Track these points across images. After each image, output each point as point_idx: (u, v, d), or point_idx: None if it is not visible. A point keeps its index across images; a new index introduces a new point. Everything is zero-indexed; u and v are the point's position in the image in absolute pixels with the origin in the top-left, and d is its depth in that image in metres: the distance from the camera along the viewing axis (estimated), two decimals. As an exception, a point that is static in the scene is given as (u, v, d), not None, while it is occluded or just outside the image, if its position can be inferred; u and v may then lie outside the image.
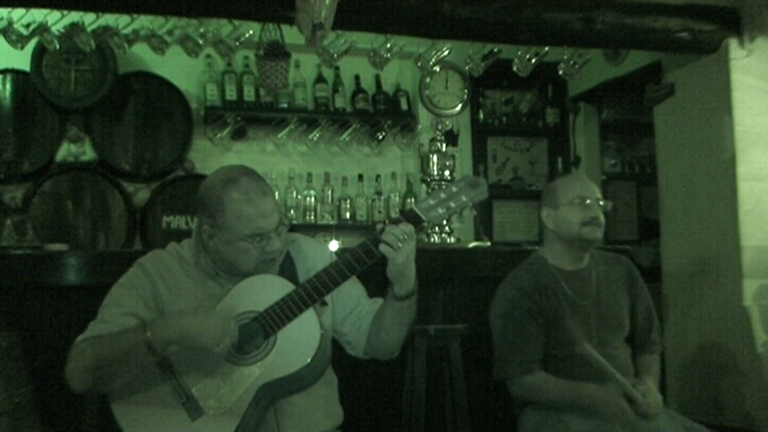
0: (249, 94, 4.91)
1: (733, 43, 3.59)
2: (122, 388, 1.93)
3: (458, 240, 3.87)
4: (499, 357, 2.54)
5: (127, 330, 1.89)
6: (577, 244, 2.57)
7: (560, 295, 2.53)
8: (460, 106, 4.65)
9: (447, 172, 3.64)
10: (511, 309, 2.52)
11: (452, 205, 1.91)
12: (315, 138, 5.08)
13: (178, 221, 4.75)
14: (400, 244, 1.86)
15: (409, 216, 1.91)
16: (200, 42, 3.70)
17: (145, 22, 3.64)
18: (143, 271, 2.03)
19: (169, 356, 1.92)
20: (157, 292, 2.01)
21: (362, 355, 2.16)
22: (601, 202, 2.57)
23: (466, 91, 4.69)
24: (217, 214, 1.95)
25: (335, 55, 3.70)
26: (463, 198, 1.91)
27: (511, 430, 2.67)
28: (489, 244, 3.80)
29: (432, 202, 1.92)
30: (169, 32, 3.68)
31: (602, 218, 2.56)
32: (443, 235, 3.60)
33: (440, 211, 1.91)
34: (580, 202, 2.54)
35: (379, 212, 5.09)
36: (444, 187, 1.97)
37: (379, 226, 1.91)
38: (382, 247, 1.87)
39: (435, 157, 3.64)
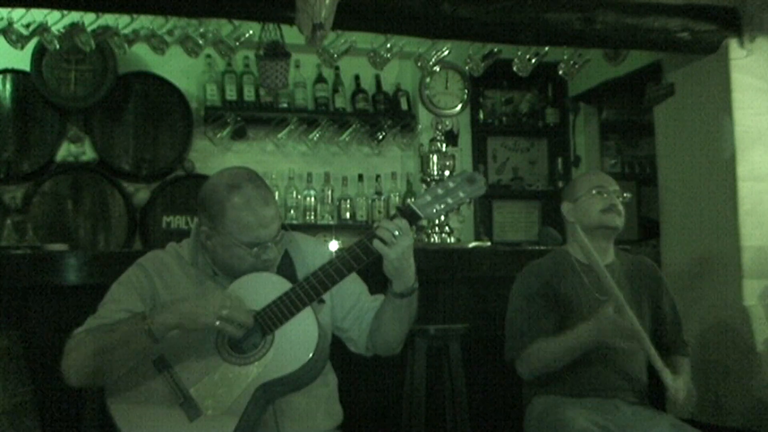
0: (249, 94, 4.91)
1: (733, 43, 3.58)
2: (120, 387, 1.92)
3: (458, 240, 3.87)
4: (509, 337, 2.55)
5: (126, 318, 1.90)
6: (599, 233, 2.59)
7: (579, 287, 2.55)
8: (460, 106, 4.64)
9: (447, 172, 3.64)
10: (529, 296, 2.55)
11: (449, 201, 1.89)
12: (315, 138, 5.08)
13: (178, 221, 4.75)
14: (393, 240, 1.85)
15: (406, 212, 1.89)
16: (200, 42, 3.70)
17: (145, 22, 3.64)
18: (142, 271, 2.04)
19: (166, 356, 1.92)
20: (155, 291, 2.01)
21: (364, 352, 2.16)
22: (619, 194, 2.62)
23: (466, 91, 4.68)
24: (217, 217, 1.95)
25: (335, 55, 3.71)
26: (461, 194, 1.90)
27: (511, 429, 2.67)
28: (489, 244, 3.80)
29: (429, 198, 1.90)
30: (169, 32, 3.68)
31: (621, 207, 2.60)
32: (443, 235, 3.61)
33: (437, 207, 1.90)
34: (598, 191, 2.59)
35: (379, 212, 5.09)
36: (441, 182, 1.96)
37: (376, 224, 1.90)
38: (376, 243, 1.86)
39: (435, 157, 3.65)
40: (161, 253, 2.11)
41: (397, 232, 1.85)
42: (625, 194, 2.64)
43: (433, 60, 3.88)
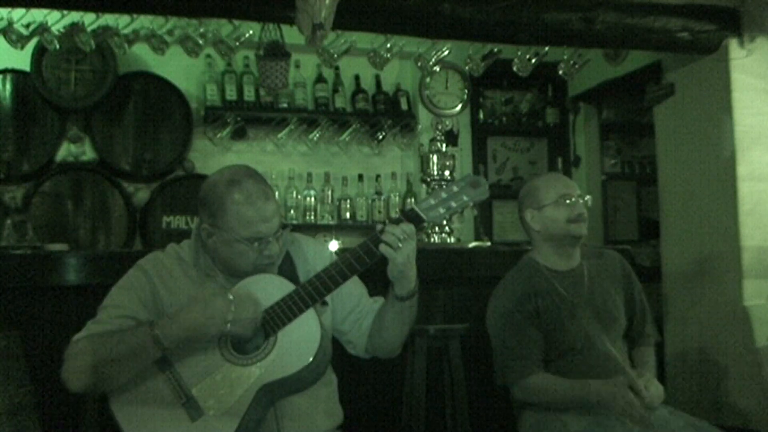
0: (249, 94, 4.91)
1: (733, 43, 3.58)
2: (122, 388, 1.92)
3: (458, 240, 3.87)
4: (500, 363, 2.53)
5: (132, 328, 1.90)
6: (566, 242, 2.57)
7: (555, 297, 2.53)
8: (460, 106, 4.64)
9: (447, 172, 3.64)
10: (508, 315, 2.51)
11: (453, 204, 1.90)
12: (315, 138, 5.08)
13: (178, 221, 4.75)
14: (400, 244, 1.86)
15: (410, 215, 1.90)
16: (200, 42, 3.70)
17: (145, 22, 3.64)
18: (143, 273, 2.03)
19: (168, 356, 1.92)
20: (156, 293, 2.01)
21: (363, 354, 2.16)
22: (583, 199, 2.58)
23: (466, 91, 4.68)
24: (218, 214, 1.95)
25: (335, 55, 3.71)
26: (464, 197, 1.90)
27: (511, 430, 2.67)
28: (489, 244, 3.80)
29: (433, 201, 1.91)
30: (169, 32, 3.68)
31: (586, 213, 2.58)
32: (443, 235, 3.61)
33: (441, 210, 1.90)
34: (565, 200, 2.55)
35: (379, 212, 5.09)
36: (445, 186, 1.96)
37: (379, 226, 1.91)
38: (382, 247, 1.87)
39: (435, 157, 3.64)
40: (161, 254, 2.10)
41: (403, 237, 1.86)
42: (587, 198, 2.60)
43: (433, 60, 3.88)
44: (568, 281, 2.56)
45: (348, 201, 5.07)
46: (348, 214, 5.06)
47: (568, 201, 2.54)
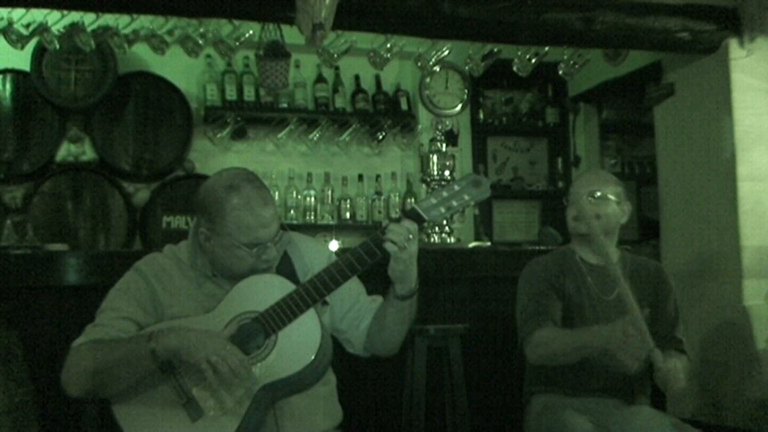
0: (249, 94, 4.91)
1: (733, 43, 3.58)
2: (123, 389, 1.92)
3: (458, 240, 3.87)
4: (520, 322, 2.56)
5: (129, 338, 1.90)
6: (583, 239, 2.63)
7: (582, 287, 2.57)
8: (460, 106, 4.62)
9: (447, 172, 3.64)
10: (532, 280, 2.58)
11: (454, 203, 1.89)
12: (315, 138, 5.08)
13: (178, 221, 4.75)
14: (405, 244, 1.86)
15: (411, 215, 1.89)
16: (200, 42, 3.70)
17: (145, 22, 3.65)
18: (140, 275, 2.03)
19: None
20: (155, 295, 2.00)
21: (362, 353, 2.16)
22: (591, 197, 2.57)
23: (466, 91, 4.66)
24: (216, 219, 1.95)
25: (335, 55, 3.71)
26: (466, 197, 1.89)
27: (511, 429, 2.67)
28: (489, 244, 3.80)
29: (434, 200, 1.90)
30: (169, 32, 3.68)
31: (594, 211, 2.56)
32: (443, 235, 3.61)
33: (442, 209, 1.89)
34: (573, 198, 2.60)
35: (379, 212, 5.09)
36: (446, 185, 1.95)
37: (385, 222, 1.90)
38: (388, 246, 1.86)
39: (435, 157, 3.65)
40: (159, 255, 2.10)
41: (410, 236, 1.86)
42: (590, 198, 2.57)
43: (433, 60, 3.88)
44: (598, 276, 2.60)
45: (348, 201, 5.07)
46: (348, 214, 5.06)
47: (573, 199, 2.60)
